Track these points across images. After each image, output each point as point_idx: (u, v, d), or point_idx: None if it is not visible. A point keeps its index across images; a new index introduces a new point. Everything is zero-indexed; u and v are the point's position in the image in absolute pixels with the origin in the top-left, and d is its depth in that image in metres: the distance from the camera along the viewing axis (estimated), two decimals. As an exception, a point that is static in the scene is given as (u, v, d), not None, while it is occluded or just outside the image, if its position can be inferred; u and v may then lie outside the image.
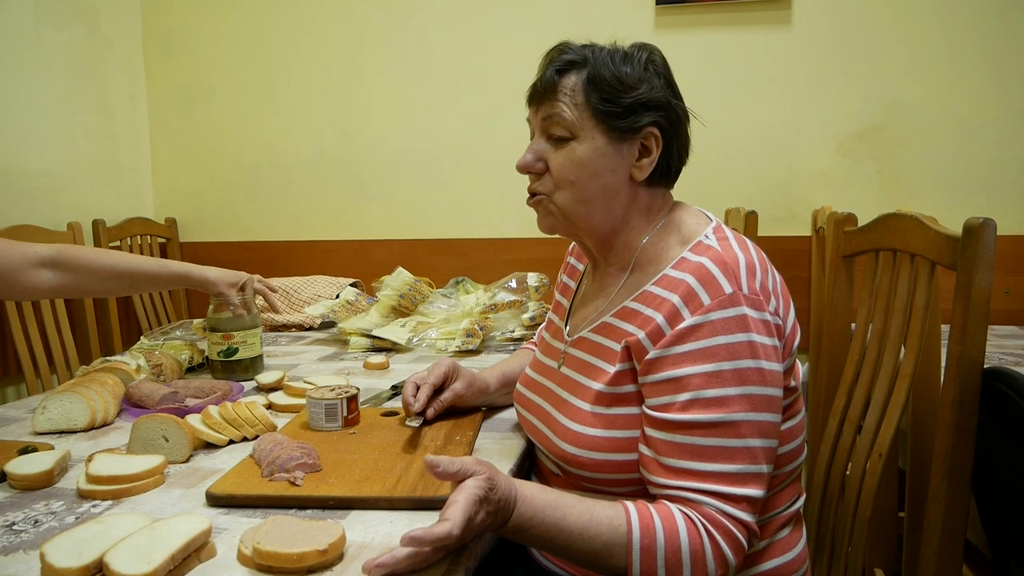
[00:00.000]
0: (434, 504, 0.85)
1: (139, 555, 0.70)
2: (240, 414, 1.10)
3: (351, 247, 2.68)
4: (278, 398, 1.31)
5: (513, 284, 1.94)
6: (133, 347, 1.67)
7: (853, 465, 1.10)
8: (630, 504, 0.83)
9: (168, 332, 1.95)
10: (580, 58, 0.94)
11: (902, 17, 2.25)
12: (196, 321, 1.97)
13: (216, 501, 0.88)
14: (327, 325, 2.08)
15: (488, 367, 1.28)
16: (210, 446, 1.08)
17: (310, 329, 2.08)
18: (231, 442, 1.09)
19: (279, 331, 2.06)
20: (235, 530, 0.81)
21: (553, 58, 0.96)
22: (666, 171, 0.97)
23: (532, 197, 1.00)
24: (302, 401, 1.22)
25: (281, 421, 1.19)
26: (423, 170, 2.61)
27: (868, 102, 2.30)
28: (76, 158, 2.44)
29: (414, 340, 1.79)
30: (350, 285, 2.21)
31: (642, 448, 0.88)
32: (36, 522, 0.84)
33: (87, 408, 1.16)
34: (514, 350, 1.57)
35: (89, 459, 0.95)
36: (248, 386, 1.44)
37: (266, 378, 1.41)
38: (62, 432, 1.16)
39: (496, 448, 1.09)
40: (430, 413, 1.14)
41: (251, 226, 2.76)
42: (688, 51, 2.37)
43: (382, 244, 2.65)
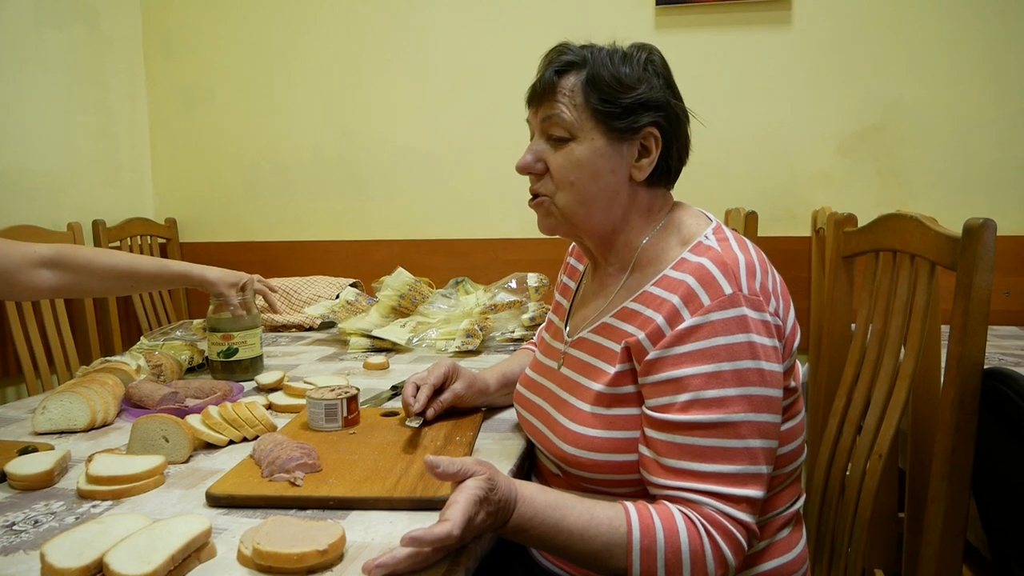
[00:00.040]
0: (434, 504, 0.85)
1: (139, 555, 0.70)
2: (240, 414, 1.10)
3: (351, 247, 2.68)
4: (278, 398, 1.31)
5: (513, 284, 1.94)
6: (133, 347, 1.68)
7: (853, 466, 1.10)
8: (630, 505, 0.83)
9: (168, 332, 1.96)
10: (579, 59, 0.94)
11: (902, 17, 2.25)
12: (196, 321, 1.97)
13: (216, 501, 0.88)
14: (327, 325, 2.08)
15: (488, 367, 1.28)
16: (210, 446, 1.08)
17: (310, 329, 2.08)
18: (231, 442, 1.09)
19: (279, 331, 2.06)
20: (235, 530, 0.81)
21: (552, 59, 0.96)
22: (666, 171, 0.97)
23: (534, 198, 1.00)
24: (302, 401, 1.22)
25: (281, 421, 1.19)
26: (423, 170, 2.61)
27: (868, 102, 2.29)
28: (76, 158, 2.43)
29: (414, 340, 1.79)
30: (350, 285, 2.21)
31: (642, 449, 0.88)
32: (36, 522, 0.84)
33: (87, 408, 1.16)
34: (514, 350, 1.57)
35: (89, 459, 0.95)
36: (248, 386, 1.44)
37: (266, 378, 1.42)
38: (62, 432, 1.16)
39: (496, 448, 1.09)
40: (430, 413, 1.14)
41: (251, 226, 2.76)
42: (688, 51, 2.37)
43: (382, 244, 2.65)
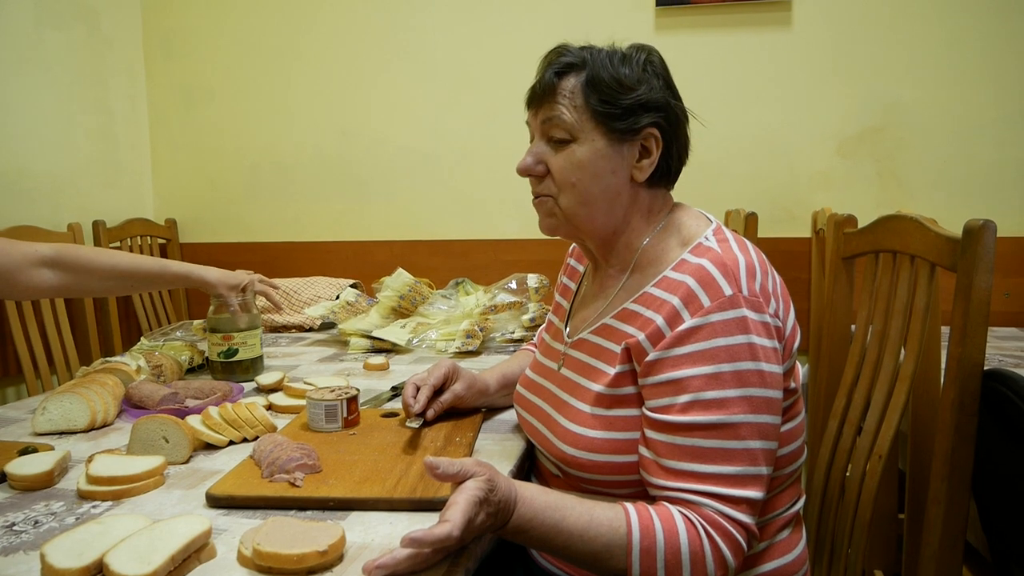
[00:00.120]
0: (434, 505, 0.85)
1: (139, 556, 0.70)
2: (240, 415, 1.10)
3: (351, 248, 2.68)
4: (278, 399, 1.31)
5: (513, 285, 1.94)
6: (133, 348, 1.68)
7: (853, 467, 1.10)
8: (630, 506, 0.83)
9: (168, 333, 1.96)
10: (579, 60, 0.94)
11: (902, 18, 2.25)
12: (196, 322, 1.97)
13: (216, 502, 0.88)
14: (327, 326, 2.08)
15: (488, 368, 1.28)
16: (210, 447, 1.08)
17: (310, 330, 2.08)
18: (231, 443, 1.09)
19: (279, 332, 2.07)
20: (235, 531, 0.81)
21: (551, 60, 0.96)
22: (666, 172, 0.97)
23: (537, 198, 1.00)
24: (302, 402, 1.22)
25: (281, 422, 1.19)
26: (423, 171, 2.61)
27: (868, 103, 2.29)
28: (76, 158, 2.43)
29: (414, 341, 1.79)
30: (350, 286, 2.21)
31: (642, 450, 0.88)
32: (36, 523, 0.84)
33: (87, 409, 1.16)
34: (514, 351, 1.57)
35: (89, 460, 0.95)
36: (248, 387, 1.44)
37: (266, 379, 1.42)
38: (62, 433, 1.16)
39: (496, 449, 1.09)
40: (430, 414, 1.14)
41: (251, 227, 2.76)
42: (688, 52, 2.37)
43: (382, 245, 2.65)
